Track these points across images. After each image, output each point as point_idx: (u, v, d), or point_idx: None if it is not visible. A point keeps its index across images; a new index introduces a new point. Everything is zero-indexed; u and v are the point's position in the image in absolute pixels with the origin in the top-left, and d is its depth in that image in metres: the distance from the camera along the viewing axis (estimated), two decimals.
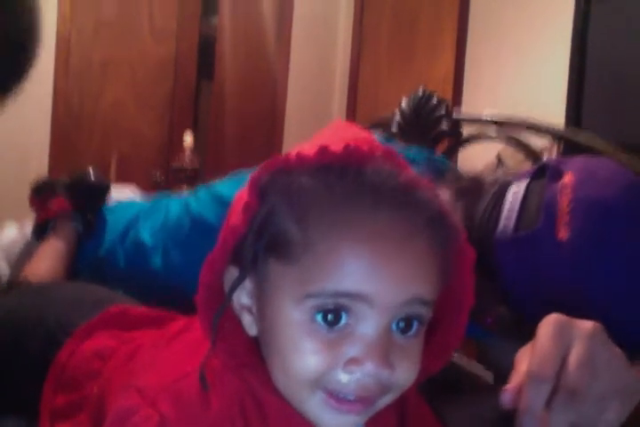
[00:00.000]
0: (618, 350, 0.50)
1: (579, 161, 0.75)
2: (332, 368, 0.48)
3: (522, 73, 2.72)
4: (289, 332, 0.49)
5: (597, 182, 0.70)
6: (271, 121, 3.61)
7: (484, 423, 0.77)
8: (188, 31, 3.38)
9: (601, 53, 2.28)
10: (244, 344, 0.53)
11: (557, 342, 0.49)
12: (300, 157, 0.50)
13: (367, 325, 0.48)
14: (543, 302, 0.68)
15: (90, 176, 1.24)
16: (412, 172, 0.52)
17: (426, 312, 0.51)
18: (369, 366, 0.47)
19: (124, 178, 3.15)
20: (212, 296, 0.52)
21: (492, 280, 0.71)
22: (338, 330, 0.48)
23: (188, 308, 0.77)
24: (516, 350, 0.83)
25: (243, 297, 0.52)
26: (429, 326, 0.53)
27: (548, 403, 0.46)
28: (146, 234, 1.04)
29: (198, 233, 0.96)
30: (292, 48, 3.61)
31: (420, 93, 1.35)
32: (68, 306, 0.83)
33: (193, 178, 2.94)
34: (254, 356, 0.53)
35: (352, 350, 0.48)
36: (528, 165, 2.67)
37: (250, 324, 0.53)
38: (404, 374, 0.50)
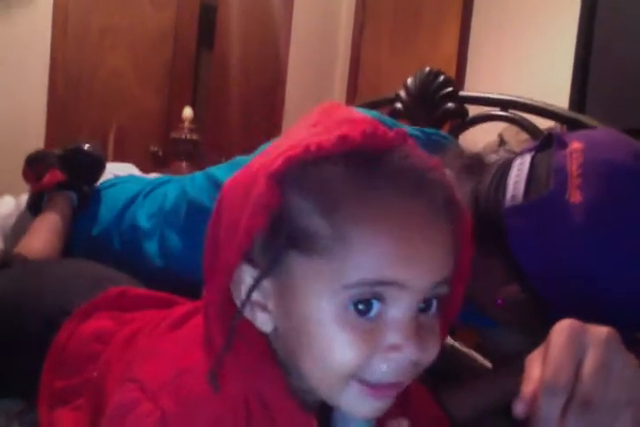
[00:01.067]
0: (631, 358, 0.49)
1: (583, 132, 0.75)
2: (369, 358, 0.48)
3: (526, 56, 2.69)
4: (322, 326, 0.48)
5: (605, 147, 0.70)
6: (272, 93, 3.57)
7: (486, 410, 0.77)
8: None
9: (608, 35, 2.25)
10: (251, 343, 0.52)
11: (571, 349, 0.47)
12: (319, 147, 0.48)
13: (399, 310, 0.48)
14: (556, 275, 0.67)
15: (85, 147, 1.23)
16: (422, 152, 0.52)
17: (446, 290, 0.51)
18: (408, 352, 0.47)
19: (121, 149, 3.13)
20: (223, 299, 0.51)
21: (502, 256, 0.70)
22: (371, 319, 0.48)
23: (183, 291, 0.76)
24: (516, 339, 0.83)
25: (253, 294, 0.51)
26: None
27: (563, 412, 0.46)
28: (142, 218, 1.02)
29: (195, 217, 0.94)
30: (293, 25, 3.56)
31: (427, 71, 1.33)
32: (67, 285, 0.82)
33: (192, 150, 2.91)
34: (263, 355, 0.52)
35: (390, 338, 0.48)
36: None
37: (265, 321, 0.51)
38: (433, 352, 0.50)
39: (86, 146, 1.23)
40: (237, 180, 0.53)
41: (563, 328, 0.49)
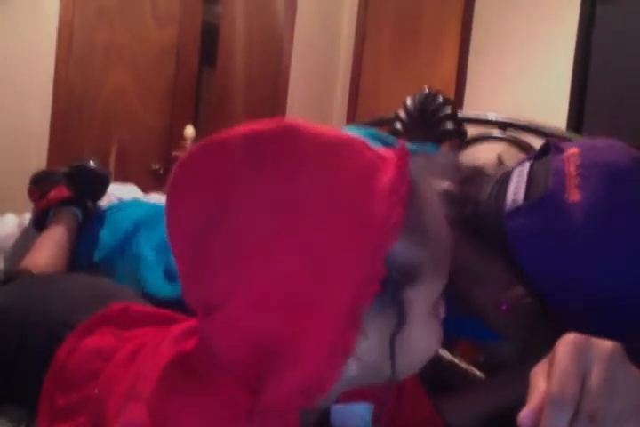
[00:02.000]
0: (635, 370, 0.50)
1: (580, 140, 0.75)
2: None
3: (524, 75, 2.71)
4: (425, 332, 0.54)
5: (602, 150, 0.71)
6: (274, 111, 3.58)
7: (485, 419, 0.77)
8: (191, 17, 3.35)
9: (605, 56, 2.27)
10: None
11: (577, 363, 0.48)
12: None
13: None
14: (559, 275, 0.67)
15: (89, 164, 1.24)
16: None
17: None
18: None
19: (123, 167, 3.14)
20: None
21: (505, 261, 0.70)
22: None
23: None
24: (517, 353, 0.83)
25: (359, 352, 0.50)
26: None
27: (570, 426, 0.46)
28: (147, 248, 1.03)
29: None
30: (295, 43, 3.58)
31: (426, 92, 1.34)
32: (71, 301, 0.83)
33: None
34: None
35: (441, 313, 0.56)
36: None
37: (355, 367, 0.50)
38: None
39: (91, 163, 1.25)
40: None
41: (568, 342, 0.49)
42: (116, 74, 3.19)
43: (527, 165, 0.73)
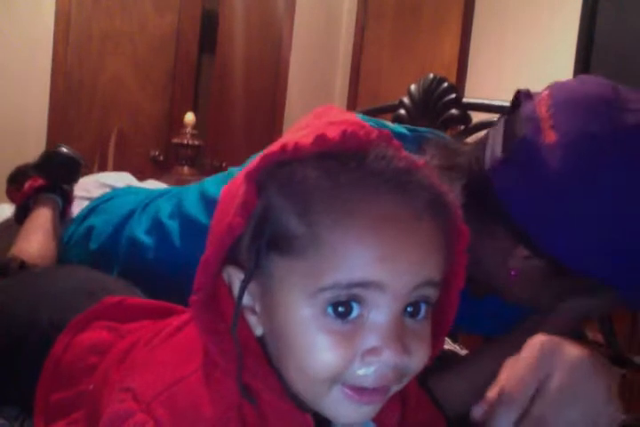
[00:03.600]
0: (602, 382, 0.49)
1: (551, 83, 0.73)
2: (349, 362, 0.47)
3: (526, 60, 2.69)
4: (301, 329, 0.47)
5: (573, 86, 0.69)
6: (273, 98, 3.57)
7: (473, 388, 0.75)
8: (191, 4, 3.33)
9: (608, 39, 2.25)
10: (246, 345, 0.51)
11: (537, 368, 0.48)
12: (297, 147, 0.48)
13: (380, 312, 0.47)
14: (550, 221, 0.65)
15: (59, 149, 1.25)
16: (408, 153, 0.51)
17: (434, 294, 0.50)
18: (387, 355, 0.46)
19: (122, 154, 3.13)
20: (207, 299, 0.51)
21: (500, 221, 0.68)
22: (351, 322, 0.47)
23: (183, 302, 0.76)
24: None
25: (244, 297, 0.50)
26: None
27: (516, 425, 0.46)
28: (141, 233, 1.02)
29: (188, 232, 0.94)
30: (295, 30, 3.56)
31: (431, 77, 1.32)
32: (62, 301, 0.80)
33: (193, 156, 2.91)
34: (257, 357, 0.51)
35: (368, 341, 0.47)
36: None
37: (255, 324, 0.51)
38: (420, 357, 0.49)
39: (62, 148, 1.26)
40: (231, 183, 0.53)
41: (535, 345, 0.49)
42: (115, 61, 3.17)
43: (502, 120, 0.72)
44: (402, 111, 1.36)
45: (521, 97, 0.71)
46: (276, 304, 0.49)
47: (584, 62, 2.31)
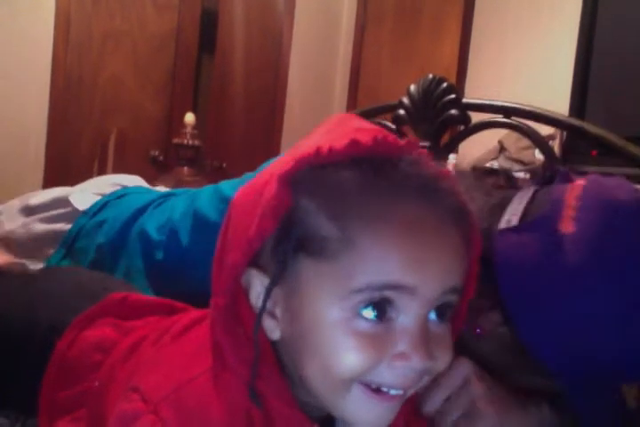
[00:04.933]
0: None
1: (591, 175, 0.73)
2: (377, 364, 0.48)
3: (526, 61, 2.70)
4: (330, 330, 0.48)
5: (608, 187, 0.68)
6: (273, 98, 3.57)
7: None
8: (190, 3, 3.33)
9: (608, 41, 2.26)
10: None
11: (451, 385, 0.64)
12: (331, 151, 0.48)
13: (409, 316, 0.48)
14: (536, 306, 0.64)
15: None
16: (433, 162, 0.52)
17: (456, 300, 0.51)
18: (416, 361, 0.48)
19: (122, 154, 3.13)
20: (229, 302, 0.51)
21: (489, 281, 0.66)
22: (380, 324, 0.48)
23: (192, 299, 0.76)
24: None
25: (259, 288, 0.50)
26: None
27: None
28: (152, 229, 1.02)
29: (199, 231, 0.94)
30: (295, 30, 3.56)
31: (430, 78, 1.33)
32: (61, 302, 0.79)
33: (194, 156, 2.90)
34: (268, 363, 0.51)
35: (398, 346, 0.48)
36: (531, 153, 2.64)
37: (272, 328, 0.51)
38: (443, 362, 0.51)
39: None
40: (249, 185, 0.53)
41: (461, 370, 0.63)
42: (115, 61, 3.16)
43: (531, 189, 0.72)
44: (401, 111, 1.36)
45: (558, 174, 0.72)
46: (302, 306, 0.49)
47: (584, 64, 2.31)
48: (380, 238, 0.47)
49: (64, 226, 1.13)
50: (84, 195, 1.18)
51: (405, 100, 1.36)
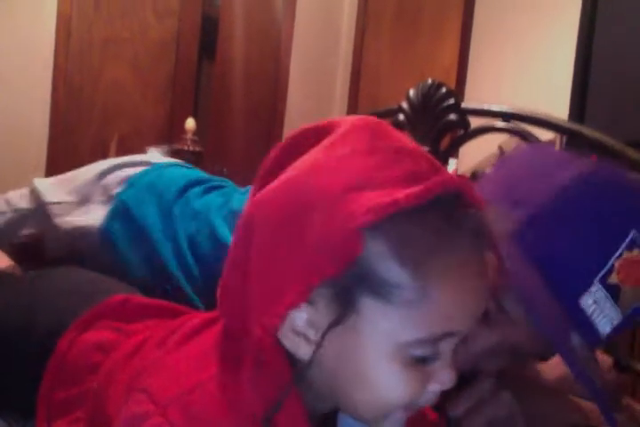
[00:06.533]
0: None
1: None
2: (421, 394, 0.52)
3: (526, 65, 2.70)
4: (388, 368, 0.50)
5: None
6: (273, 103, 3.57)
7: None
8: (191, 9, 3.34)
9: (607, 45, 2.26)
10: (276, 367, 0.52)
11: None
12: (407, 201, 0.48)
13: (447, 349, 0.52)
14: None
15: None
16: (479, 196, 0.53)
17: None
18: (450, 384, 0.53)
19: None
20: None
21: None
22: (428, 364, 0.51)
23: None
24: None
25: (301, 321, 0.51)
26: None
27: None
28: (224, 230, 0.99)
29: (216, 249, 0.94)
30: (295, 35, 3.57)
31: (429, 83, 1.33)
32: (60, 304, 0.79)
33: (194, 161, 2.91)
34: (284, 378, 0.52)
35: (441, 376, 0.52)
36: None
37: (306, 352, 0.51)
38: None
39: None
40: (276, 205, 0.51)
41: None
42: (116, 67, 3.17)
43: None
44: (401, 116, 1.36)
45: None
46: (359, 343, 0.50)
47: (583, 68, 2.31)
48: (451, 291, 0.49)
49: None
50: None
51: (405, 104, 1.36)
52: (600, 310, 0.68)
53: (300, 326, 0.51)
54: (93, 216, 1.05)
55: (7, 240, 1.09)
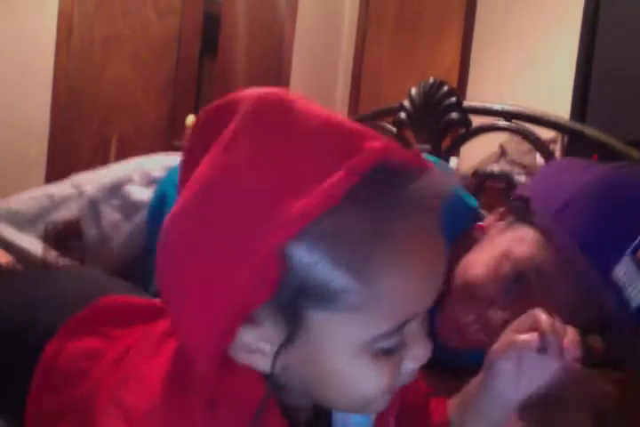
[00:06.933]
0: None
1: None
2: (396, 378, 0.49)
3: (527, 65, 2.70)
4: (356, 367, 0.47)
5: None
6: None
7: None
8: (192, 7, 3.34)
9: (609, 45, 2.25)
10: (247, 379, 0.50)
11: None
12: (331, 202, 0.43)
13: (414, 327, 0.49)
14: None
15: None
16: (429, 165, 0.48)
17: None
18: (426, 358, 0.50)
19: (124, 158, 3.13)
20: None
21: None
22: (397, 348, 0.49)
23: None
24: None
25: (249, 340, 0.47)
26: None
27: None
28: None
29: None
30: (297, 33, 3.57)
31: (431, 81, 1.33)
32: (61, 305, 0.77)
33: None
34: (258, 387, 0.50)
35: (412, 350, 0.49)
36: (532, 157, 2.64)
37: (265, 364, 0.48)
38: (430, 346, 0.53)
39: None
40: (187, 225, 0.46)
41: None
42: (117, 65, 3.17)
43: None
44: (402, 115, 1.36)
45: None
46: (318, 350, 0.47)
47: (585, 68, 2.31)
48: (402, 278, 0.45)
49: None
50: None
51: (406, 103, 1.36)
52: (630, 281, 0.72)
53: (252, 344, 0.47)
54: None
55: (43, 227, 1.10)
